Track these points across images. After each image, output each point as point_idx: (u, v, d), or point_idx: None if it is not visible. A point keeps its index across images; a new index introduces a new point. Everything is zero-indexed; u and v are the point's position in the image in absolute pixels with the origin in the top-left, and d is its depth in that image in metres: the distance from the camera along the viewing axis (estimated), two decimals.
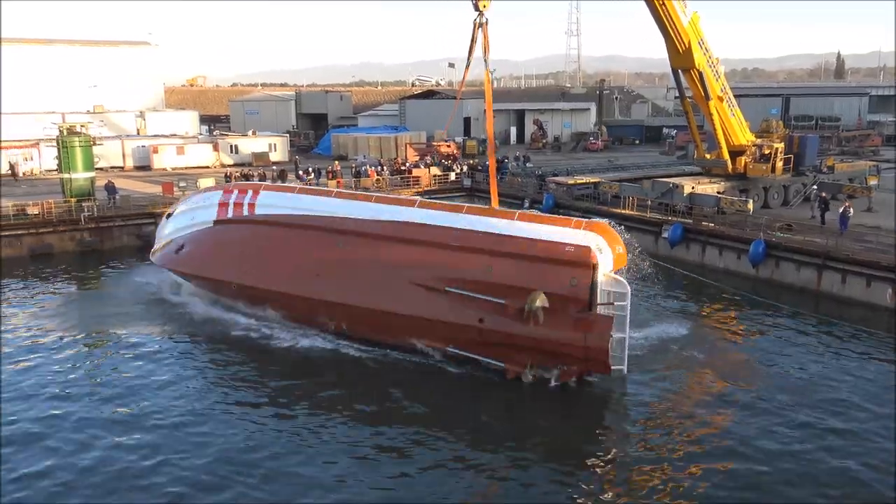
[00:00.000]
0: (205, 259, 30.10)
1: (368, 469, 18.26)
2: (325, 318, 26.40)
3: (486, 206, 26.94)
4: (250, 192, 30.56)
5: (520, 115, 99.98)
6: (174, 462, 18.27)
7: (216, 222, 30.80)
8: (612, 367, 22.15)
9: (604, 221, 24.78)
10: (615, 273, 23.17)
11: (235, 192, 31.14)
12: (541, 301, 22.04)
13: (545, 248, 22.99)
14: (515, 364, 23.02)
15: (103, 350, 26.57)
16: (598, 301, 22.43)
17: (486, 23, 26.15)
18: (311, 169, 55.82)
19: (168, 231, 33.35)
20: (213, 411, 21.25)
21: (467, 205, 26.59)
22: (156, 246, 33.79)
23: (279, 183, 51.75)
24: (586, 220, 24.76)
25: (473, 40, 26.45)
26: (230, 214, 30.34)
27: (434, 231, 25.16)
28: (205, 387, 23.27)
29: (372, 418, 20.82)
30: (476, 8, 25.94)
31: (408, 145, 71.78)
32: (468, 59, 27.03)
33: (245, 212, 29.89)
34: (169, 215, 34.07)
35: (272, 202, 29.59)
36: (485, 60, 26.80)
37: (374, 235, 26.26)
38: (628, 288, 22.48)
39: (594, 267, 22.32)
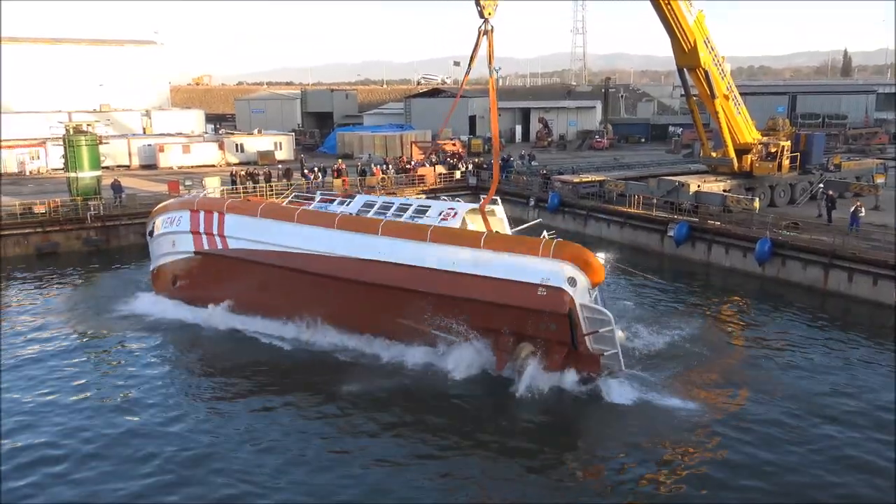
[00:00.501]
0: (201, 296, 29.77)
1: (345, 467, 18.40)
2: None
3: (453, 228, 24.38)
4: (216, 217, 29.33)
5: (525, 114, 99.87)
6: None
7: (196, 253, 30.11)
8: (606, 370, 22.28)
9: (574, 244, 23.02)
10: (594, 292, 22.61)
11: (202, 214, 29.90)
12: (526, 352, 22.23)
13: (517, 294, 22.08)
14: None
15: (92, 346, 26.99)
16: (583, 332, 21.83)
17: (492, 30, 26.05)
18: (316, 168, 55.84)
19: (156, 255, 32.80)
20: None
21: (433, 226, 24.30)
22: (152, 266, 33.44)
23: (284, 181, 52.10)
24: (556, 240, 22.70)
25: (477, 47, 26.23)
26: (206, 246, 29.61)
27: (398, 274, 24.03)
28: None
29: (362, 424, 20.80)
30: (481, 15, 25.75)
31: (413, 144, 71.80)
32: (469, 65, 27.16)
33: (219, 244, 29.19)
34: (151, 233, 33.23)
35: (239, 232, 28.50)
36: (489, 68, 26.85)
37: (332, 277, 25.34)
38: (610, 315, 21.77)
39: (570, 308, 21.48)
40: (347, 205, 28.02)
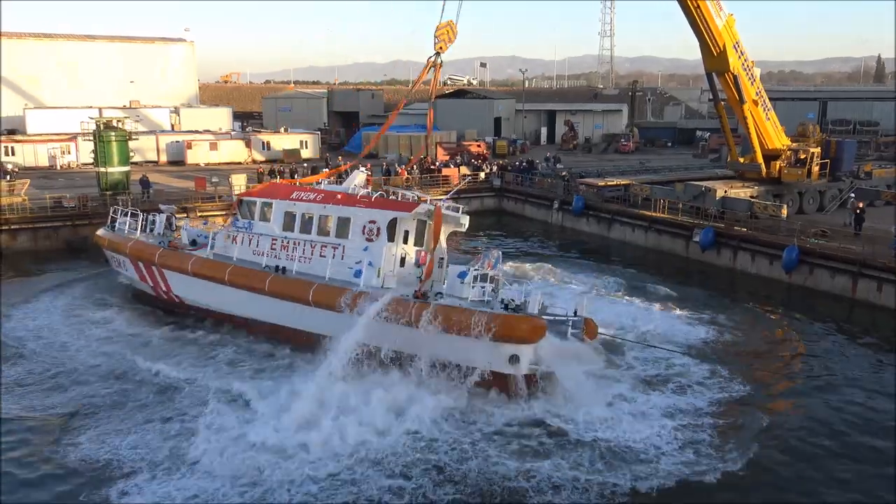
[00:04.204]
0: None
1: None
2: None
3: (388, 297, 22.02)
4: (157, 272, 29.47)
5: (551, 116, 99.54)
6: None
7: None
8: None
9: (514, 317, 21.22)
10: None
11: (142, 267, 30.24)
12: None
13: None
14: None
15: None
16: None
17: (440, 64, 29.66)
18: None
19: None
20: None
21: (354, 293, 22.59)
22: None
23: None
24: (497, 317, 20.72)
25: (422, 75, 30.73)
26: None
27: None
28: None
29: None
30: (434, 48, 28.80)
31: (437, 144, 71.86)
32: (412, 87, 32.18)
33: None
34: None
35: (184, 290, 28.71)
36: (432, 99, 33.36)
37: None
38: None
39: (514, 380, 21.11)
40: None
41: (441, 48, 28.61)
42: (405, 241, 25.12)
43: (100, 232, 33.57)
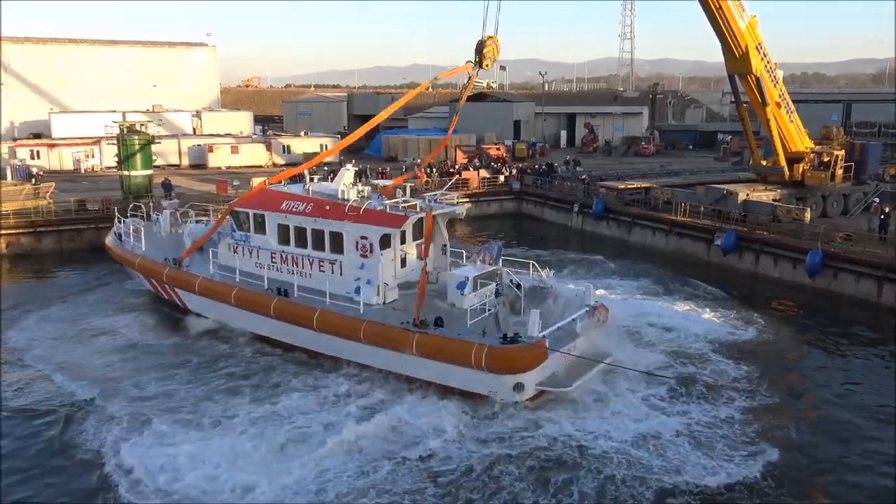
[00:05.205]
0: None
1: None
2: None
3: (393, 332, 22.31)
4: (168, 288, 29.61)
5: (571, 119, 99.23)
6: None
7: None
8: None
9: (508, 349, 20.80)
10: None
11: (155, 283, 30.46)
12: None
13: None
14: None
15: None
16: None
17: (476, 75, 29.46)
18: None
19: None
20: None
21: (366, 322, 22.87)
22: None
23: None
24: (492, 350, 20.54)
25: (469, 89, 30.85)
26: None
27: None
28: None
29: None
30: (479, 65, 28.34)
31: (457, 148, 71.91)
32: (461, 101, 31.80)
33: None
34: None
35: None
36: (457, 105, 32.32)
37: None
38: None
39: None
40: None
41: (487, 65, 28.25)
42: (403, 242, 25.52)
43: (108, 242, 33.70)
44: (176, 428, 19.76)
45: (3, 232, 41.18)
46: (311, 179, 28.12)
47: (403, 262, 25.85)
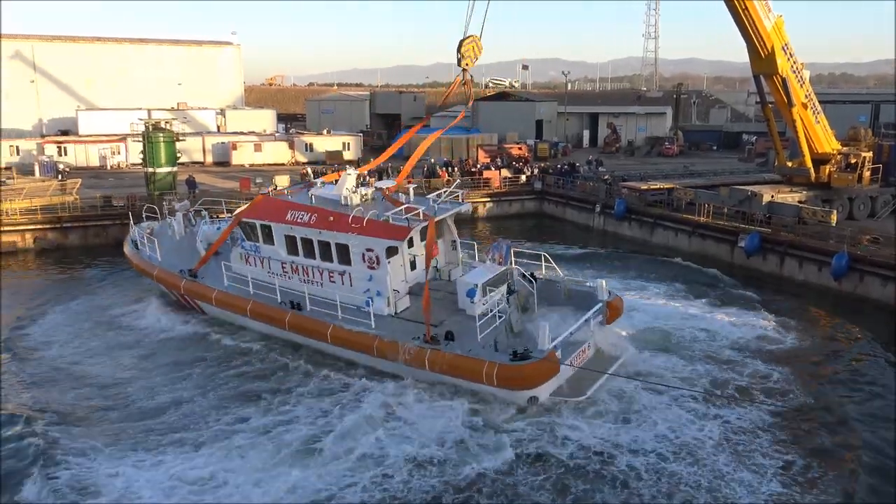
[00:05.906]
0: None
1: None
2: None
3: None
4: (188, 297, 29.59)
5: (593, 118, 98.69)
6: None
7: None
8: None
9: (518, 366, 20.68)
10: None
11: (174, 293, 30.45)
12: None
13: None
14: None
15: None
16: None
17: (471, 79, 29.84)
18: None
19: None
20: None
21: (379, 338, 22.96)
22: None
23: None
24: (502, 368, 20.57)
25: (453, 88, 31.49)
26: None
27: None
28: None
29: None
30: (459, 64, 28.58)
31: (479, 147, 71.85)
32: (444, 101, 31.26)
33: None
34: None
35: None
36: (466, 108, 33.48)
37: None
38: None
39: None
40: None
41: (467, 64, 28.64)
42: (411, 246, 25.49)
43: (126, 251, 33.63)
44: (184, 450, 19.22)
45: (30, 227, 41.91)
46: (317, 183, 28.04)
47: (413, 264, 25.79)
